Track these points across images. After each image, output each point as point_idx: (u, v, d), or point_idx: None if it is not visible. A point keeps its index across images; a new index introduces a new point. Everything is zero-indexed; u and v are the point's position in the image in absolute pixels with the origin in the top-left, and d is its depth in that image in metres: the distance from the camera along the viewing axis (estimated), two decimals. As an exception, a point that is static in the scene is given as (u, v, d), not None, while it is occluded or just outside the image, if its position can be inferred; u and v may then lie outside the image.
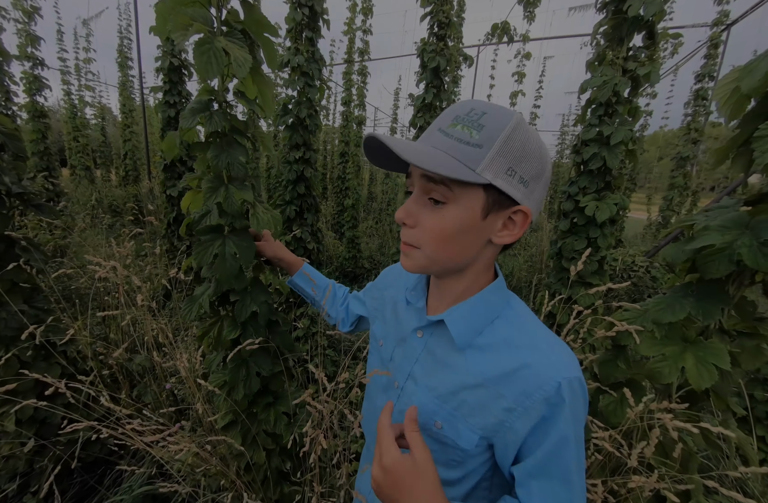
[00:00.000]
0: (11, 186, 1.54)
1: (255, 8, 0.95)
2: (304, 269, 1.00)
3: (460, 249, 0.53)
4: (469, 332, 0.55)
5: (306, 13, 3.10)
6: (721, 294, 0.75)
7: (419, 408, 0.57)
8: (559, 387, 0.47)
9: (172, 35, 0.76)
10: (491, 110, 0.48)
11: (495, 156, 0.47)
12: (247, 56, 0.84)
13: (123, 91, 8.11)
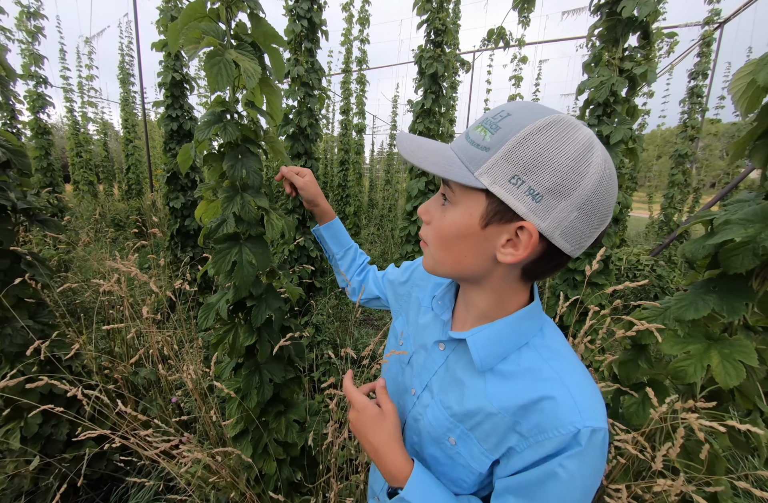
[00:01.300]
0: (16, 202, 1.54)
1: (262, 21, 0.96)
2: (334, 223, 0.96)
3: (459, 255, 0.51)
4: (492, 356, 0.52)
5: (305, 25, 3.16)
6: (745, 289, 0.74)
7: (433, 422, 0.56)
8: (577, 435, 0.42)
9: (184, 49, 0.77)
10: (518, 112, 0.44)
11: (498, 160, 0.43)
12: (257, 67, 0.85)
13: (125, 107, 8.23)
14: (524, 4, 3.16)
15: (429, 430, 0.57)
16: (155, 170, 6.11)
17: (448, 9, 3.25)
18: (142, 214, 6.51)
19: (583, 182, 0.41)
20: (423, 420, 0.58)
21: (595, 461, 0.44)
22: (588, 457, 0.43)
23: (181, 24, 0.87)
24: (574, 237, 0.44)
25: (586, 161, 0.41)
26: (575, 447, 0.42)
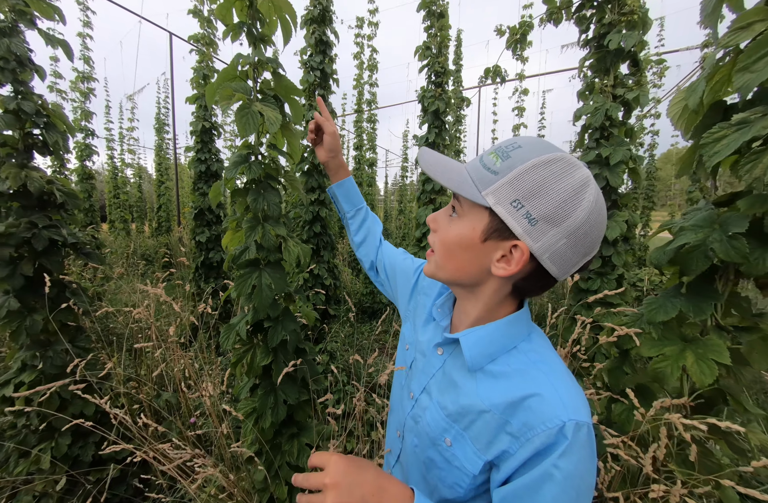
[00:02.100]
0: (67, 237, 1.74)
1: (283, 77, 1.15)
2: (347, 181, 0.97)
3: (458, 263, 0.56)
4: (482, 356, 0.56)
5: (318, 75, 3.53)
6: (710, 291, 0.77)
7: (431, 423, 0.59)
8: (563, 428, 0.45)
9: (219, 104, 0.94)
10: (528, 146, 0.50)
11: (504, 184, 0.49)
12: (278, 116, 1.01)
13: (158, 152, 9.05)
14: (517, 44, 3.46)
15: (427, 431, 0.60)
16: (183, 209, 6.54)
17: (447, 54, 3.58)
18: (169, 249, 6.89)
19: (574, 214, 0.47)
20: (422, 421, 0.62)
21: (585, 458, 0.46)
22: (577, 453, 0.45)
23: (217, 83, 1.05)
24: (561, 261, 0.50)
25: (580, 197, 0.47)
26: (563, 442, 0.44)
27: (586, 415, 0.47)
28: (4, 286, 1.63)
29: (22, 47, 1.70)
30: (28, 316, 1.60)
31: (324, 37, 3.56)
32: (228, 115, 8.84)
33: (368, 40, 7.60)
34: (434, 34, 3.47)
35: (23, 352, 1.61)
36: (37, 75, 1.79)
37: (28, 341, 1.62)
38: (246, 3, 1.10)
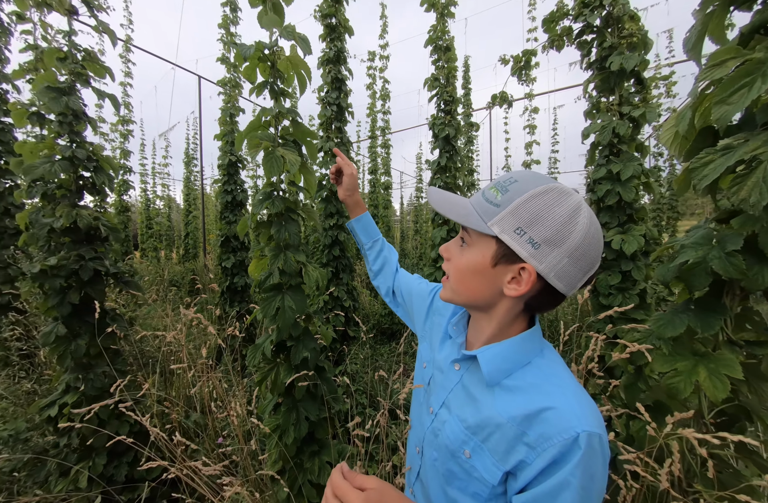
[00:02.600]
0: (110, 268, 1.91)
1: (300, 124, 1.29)
2: (364, 216, 1.05)
3: (473, 287, 0.61)
4: (499, 371, 0.59)
5: (334, 110, 3.79)
6: (718, 306, 0.79)
7: (450, 435, 0.62)
8: (577, 438, 0.47)
9: (248, 151, 1.07)
10: (523, 179, 0.57)
11: (506, 215, 0.54)
12: (297, 158, 1.14)
13: (187, 183, 9.69)
14: (521, 71, 3.61)
15: (447, 443, 0.62)
16: (208, 236, 6.89)
17: (455, 83, 3.77)
18: (195, 274, 7.20)
19: (572, 236, 0.52)
20: (441, 434, 0.64)
21: (598, 466, 0.48)
22: (591, 461, 0.47)
23: (245, 133, 1.20)
24: (566, 278, 0.54)
25: (575, 220, 0.52)
26: (578, 452, 0.47)
27: (598, 426, 0.50)
28: (53, 313, 1.79)
29: (78, 104, 1.96)
30: (73, 341, 1.74)
31: (339, 75, 3.85)
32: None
33: (380, 72, 8.07)
34: (441, 66, 3.69)
35: (67, 375, 1.74)
36: (90, 125, 2.05)
37: (72, 364, 1.76)
38: (268, 64, 1.26)
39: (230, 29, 4.95)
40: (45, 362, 2.78)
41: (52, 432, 1.79)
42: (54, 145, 1.91)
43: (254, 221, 1.19)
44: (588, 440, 0.47)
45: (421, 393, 0.77)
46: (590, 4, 2.85)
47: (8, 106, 2.74)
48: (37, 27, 3.32)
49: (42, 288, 1.70)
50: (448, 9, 3.71)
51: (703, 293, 0.88)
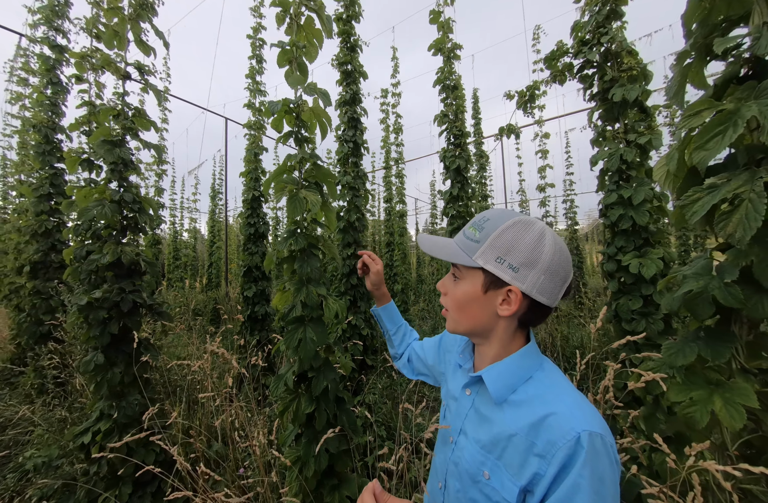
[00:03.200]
0: (146, 299, 2.05)
1: (321, 167, 1.44)
2: (390, 305, 1.13)
3: (471, 314, 0.68)
4: (504, 388, 0.64)
5: (350, 146, 4.05)
6: (727, 334, 0.80)
7: (469, 459, 0.66)
8: (579, 438, 0.51)
9: (275, 194, 1.20)
10: (494, 217, 0.67)
11: (486, 248, 0.64)
12: (319, 199, 1.26)
13: (212, 216, 10.24)
14: (526, 105, 3.80)
15: (467, 468, 0.65)
16: (230, 265, 7.16)
17: (463, 118, 4.00)
18: (217, 303, 7.40)
19: (543, 256, 0.61)
20: (461, 461, 0.67)
21: (604, 465, 0.50)
22: (596, 460, 0.50)
23: (272, 177, 1.35)
24: (547, 292, 0.63)
25: (542, 243, 0.62)
26: (581, 452, 0.50)
27: (599, 427, 0.53)
28: (92, 342, 1.92)
29: (127, 154, 2.22)
30: (109, 369, 1.85)
31: (355, 114, 4.15)
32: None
33: (393, 107, 8.57)
34: (450, 104, 3.94)
35: (102, 402, 1.83)
36: (135, 174, 2.30)
37: (107, 392, 1.85)
38: (294, 115, 1.44)
39: (256, 78, 5.46)
40: (78, 390, 2.90)
41: (83, 459, 1.85)
42: (105, 190, 2.14)
43: (279, 257, 1.30)
44: (589, 439, 0.51)
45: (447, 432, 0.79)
46: (588, 42, 3.03)
47: (64, 154, 3.09)
48: (92, 87, 3.79)
49: (87, 319, 1.85)
50: (454, 52, 4.02)
51: (714, 321, 0.90)
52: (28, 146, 6.12)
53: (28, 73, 6.11)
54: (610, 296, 2.67)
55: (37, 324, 3.68)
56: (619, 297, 2.57)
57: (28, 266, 3.90)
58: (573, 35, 3.15)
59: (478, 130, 8.38)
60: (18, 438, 2.69)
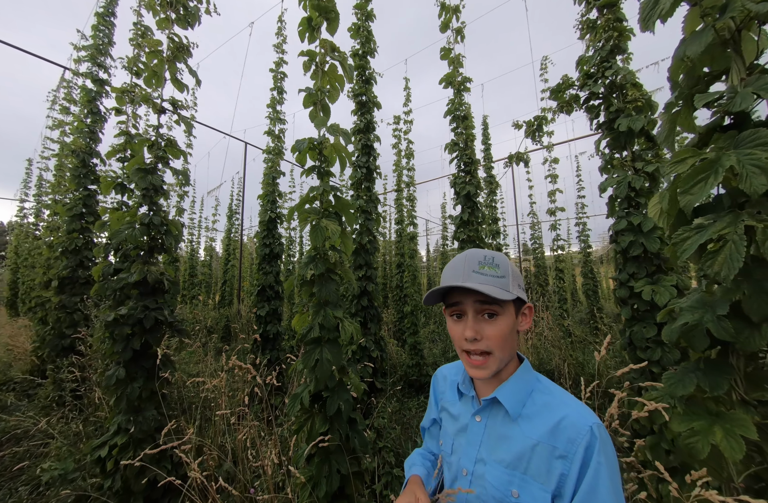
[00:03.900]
0: (167, 317, 2.16)
1: (341, 198, 1.56)
2: None
3: (512, 343, 0.73)
4: (517, 403, 0.71)
5: (363, 172, 4.24)
6: (725, 365, 0.84)
7: (494, 482, 0.69)
8: (591, 429, 0.62)
9: (299, 224, 1.31)
10: (495, 254, 0.76)
11: (512, 280, 0.73)
12: (338, 228, 1.37)
13: (228, 235, 10.58)
14: (534, 134, 3.95)
15: (492, 493, 0.68)
16: (243, 283, 7.30)
17: (473, 146, 4.17)
18: (229, 321, 7.49)
19: None
20: (485, 489, 0.70)
21: (611, 448, 0.62)
22: (607, 445, 0.61)
23: (297, 207, 1.47)
24: None
25: None
26: (596, 441, 0.60)
27: (596, 417, 0.65)
28: (115, 357, 2.01)
29: (158, 180, 2.41)
30: (129, 384, 1.93)
31: (368, 142, 4.38)
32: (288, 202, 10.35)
33: (405, 134, 8.92)
34: (460, 133, 4.13)
35: (120, 416, 1.89)
36: (163, 198, 2.48)
37: (125, 406, 1.92)
38: (317, 152, 1.58)
39: (276, 108, 5.82)
40: (95, 404, 2.96)
41: (98, 472, 1.89)
42: (136, 213, 2.31)
43: (299, 280, 1.40)
44: (599, 430, 0.62)
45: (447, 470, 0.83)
46: (593, 75, 3.19)
47: (100, 178, 3.33)
48: (129, 118, 4.11)
49: (112, 335, 1.95)
50: (464, 85, 4.26)
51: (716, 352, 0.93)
52: (64, 168, 6.55)
53: (69, 103, 6.62)
54: (623, 323, 2.65)
55: (59, 337, 3.81)
56: (633, 324, 2.54)
57: (56, 281, 4.09)
58: (578, 68, 3.32)
59: (488, 155, 8.61)
60: (33, 450, 2.73)
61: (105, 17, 5.30)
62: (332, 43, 1.68)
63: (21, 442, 2.83)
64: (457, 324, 0.75)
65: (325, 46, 1.68)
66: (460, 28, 4.13)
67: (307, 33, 1.74)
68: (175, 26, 2.91)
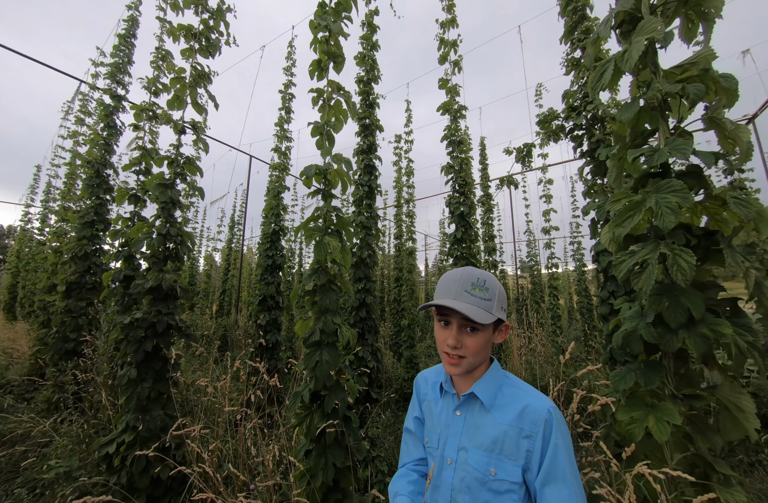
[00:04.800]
0: (178, 322, 2.32)
1: (342, 217, 1.76)
2: None
3: (485, 352, 0.86)
4: (491, 396, 0.85)
5: (365, 190, 4.49)
6: (658, 366, 1.02)
7: (476, 465, 0.80)
8: (549, 411, 0.77)
9: (305, 239, 1.51)
10: (487, 277, 0.86)
11: (497, 303, 0.84)
12: (338, 244, 1.56)
13: (229, 245, 10.77)
14: (524, 159, 4.23)
15: (475, 475, 0.80)
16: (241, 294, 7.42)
17: (468, 169, 4.44)
18: (226, 330, 7.58)
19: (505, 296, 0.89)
20: (468, 472, 0.82)
21: (565, 427, 0.78)
22: (562, 424, 0.77)
23: (303, 225, 1.67)
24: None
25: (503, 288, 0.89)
26: (552, 421, 0.75)
27: (551, 402, 0.81)
28: (127, 358, 2.16)
29: (176, 195, 2.62)
30: (140, 384, 2.07)
31: (370, 162, 4.64)
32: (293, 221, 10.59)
33: (405, 153, 9.29)
34: (456, 156, 4.41)
35: (130, 415, 2.02)
36: (179, 210, 2.69)
37: (134, 405, 2.05)
38: (322, 176, 1.80)
39: (284, 126, 6.14)
40: (97, 406, 3.06)
41: (104, 469, 2.01)
42: (154, 224, 2.51)
43: (303, 290, 1.58)
44: (555, 411, 0.77)
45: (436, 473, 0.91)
46: (577, 108, 3.49)
47: (116, 190, 3.56)
48: (146, 134, 4.38)
49: (127, 337, 2.11)
50: (460, 112, 4.57)
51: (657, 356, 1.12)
52: (75, 176, 6.79)
53: (84, 115, 6.93)
54: (605, 339, 2.82)
55: (63, 341, 3.93)
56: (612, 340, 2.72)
57: (64, 286, 4.24)
58: (564, 101, 3.63)
59: (485, 174, 8.95)
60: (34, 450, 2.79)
61: (126, 38, 5.67)
62: (338, 84, 1.93)
63: (22, 443, 2.91)
64: (443, 331, 0.88)
65: (332, 86, 1.93)
66: (458, 61, 4.48)
67: (316, 72, 1.99)
68: (197, 56, 3.20)
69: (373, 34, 4.97)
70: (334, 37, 2.00)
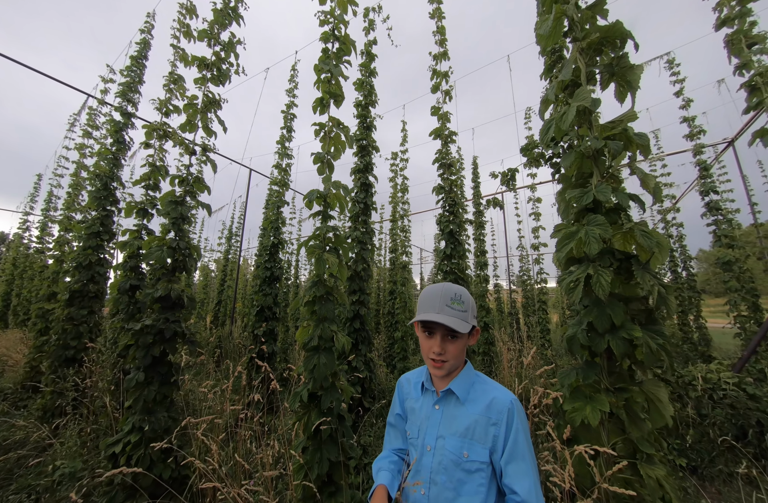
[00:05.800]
0: (183, 329, 2.50)
1: (340, 235, 1.99)
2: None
3: (462, 355, 1.02)
4: (465, 392, 1.00)
5: (361, 207, 4.75)
6: (594, 365, 1.25)
7: (452, 449, 0.94)
8: (511, 402, 0.93)
9: (307, 256, 1.74)
10: (462, 292, 1.01)
11: (470, 313, 0.99)
12: (335, 260, 1.79)
13: (226, 256, 10.93)
14: (509, 182, 4.54)
15: (451, 458, 0.94)
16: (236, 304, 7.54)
17: (457, 190, 4.74)
18: (220, 341, 7.66)
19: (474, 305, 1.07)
20: (445, 455, 0.96)
21: (524, 415, 0.94)
22: (521, 413, 0.93)
23: (305, 243, 1.90)
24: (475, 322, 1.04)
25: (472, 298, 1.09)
26: (514, 410, 0.91)
27: (514, 395, 0.97)
28: (136, 363, 2.33)
29: (186, 211, 2.85)
30: (147, 387, 2.23)
31: (367, 181, 4.93)
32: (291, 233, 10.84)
33: (401, 170, 9.68)
34: (446, 178, 4.72)
35: (136, 416, 2.18)
36: (189, 224, 2.91)
37: (141, 407, 2.20)
38: (322, 199, 2.04)
39: (285, 144, 6.46)
40: (96, 413, 3.17)
41: (111, 468, 2.14)
42: (165, 237, 2.73)
43: (303, 301, 1.80)
44: (516, 403, 0.94)
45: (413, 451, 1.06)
46: (554, 138, 3.84)
47: (126, 203, 3.78)
48: (156, 151, 4.65)
49: (137, 342, 2.28)
50: (451, 138, 4.92)
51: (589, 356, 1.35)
52: (80, 187, 7.00)
53: (91, 128, 7.21)
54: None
55: (64, 348, 4.04)
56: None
57: (67, 294, 4.37)
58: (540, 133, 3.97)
59: (477, 192, 9.33)
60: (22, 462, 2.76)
61: (138, 60, 6.02)
62: (338, 120, 2.21)
63: (22, 447, 2.99)
64: (428, 340, 1.02)
65: (333, 121, 2.21)
66: (449, 91, 4.85)
67: (319, 108, 2.28)
68: (209, 84, 3.50)
69: (371, 62, 5.37)
70: (335, 79, 2.29)
